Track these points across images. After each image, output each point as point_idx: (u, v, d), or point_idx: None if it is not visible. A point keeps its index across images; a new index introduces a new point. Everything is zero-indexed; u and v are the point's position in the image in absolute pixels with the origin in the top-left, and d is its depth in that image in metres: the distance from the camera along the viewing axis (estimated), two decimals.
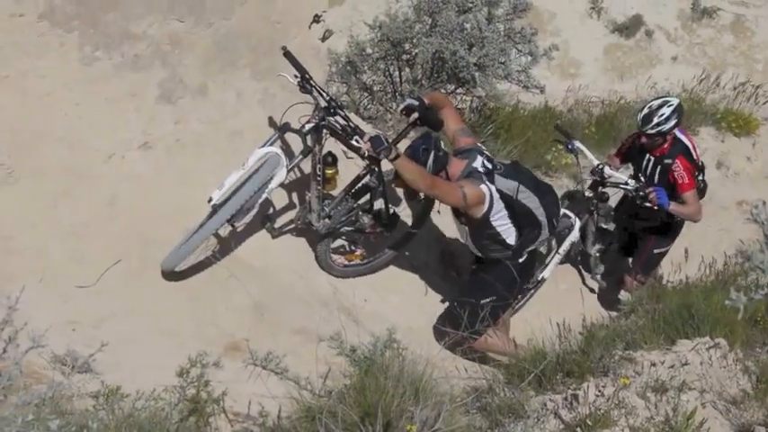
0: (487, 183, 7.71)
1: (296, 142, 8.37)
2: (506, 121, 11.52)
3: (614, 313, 9.56)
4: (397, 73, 10.72)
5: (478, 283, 8.36)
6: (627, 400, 6.02)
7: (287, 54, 8.21)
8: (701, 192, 9.79)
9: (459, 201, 7.68)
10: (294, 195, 9.00)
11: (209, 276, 8.15)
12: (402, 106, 8.30)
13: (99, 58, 8.40)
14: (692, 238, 10.56)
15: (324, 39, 9.22)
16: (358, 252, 9.02)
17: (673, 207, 9.10)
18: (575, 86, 13.89)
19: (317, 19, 8.54)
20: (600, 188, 9.71)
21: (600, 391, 6.12)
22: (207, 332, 7.55)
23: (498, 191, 7.76)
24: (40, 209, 7.85)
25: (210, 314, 7.81)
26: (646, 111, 9.17)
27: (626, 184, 9.38)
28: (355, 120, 8.68)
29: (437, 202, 8.33)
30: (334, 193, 8.71)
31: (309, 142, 8.21)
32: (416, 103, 8.14)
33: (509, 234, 8.06)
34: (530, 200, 7.93)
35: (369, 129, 9.08)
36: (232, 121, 8.75)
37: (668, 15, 15.96)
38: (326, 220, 8.55)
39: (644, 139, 9.24)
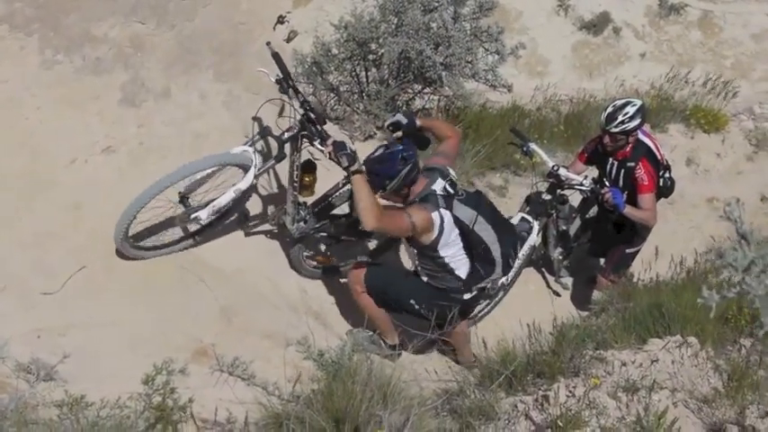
0: (441, 209, 7.49)
1: (274, 145, 8.28)
2: (474, 121, 11.50)
3: (585, 313, 9.52)
4: (363, 73, 10.69)
5: (418, 286, 8.12)
6: (598, 400, 6.00)
7: (275, 55, 8.16)
8: (668, 189, 9.79)
9: (407, 231, 7.46)
10: (272, 195, 8.98)
11: (176, 281, 8.07)
12: (389, 121, 8.15)
13: (60, 62, 8.31)
14: (662, 235, 10.55)
15: (289, 40, 9.17)
16: (331, 257, 8.98)
17: (627, 210, 9.08)
18: (543, 85, 13.88)
19: (281, 20, 8.48)
20: (558, 191, 9.69)
21: (571, 391, 6.10)
22: (173, 338, 7.44)
23: (454, 217, 7.55)
24: (2, 215, 7.75)
25: (177, 320, 7.71)
26: (610, 109, 9.16)
27: (581, 185, 9.36)
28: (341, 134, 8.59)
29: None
30: (312, 198, 8.64)
31: (287, 150, 8.16)
32: (405, 121, 8.02)
33: (460, 266, 7.84)
34: (487, 233, 7.70)
35: (347, 140, 8.97)
36: (196, 124, 8.67)
37: (636, 12, 15.99)
38: (301, 224, 8.49)
39: (607, 139, 9.22)
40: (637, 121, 9.08)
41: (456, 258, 7.76)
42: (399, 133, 8.03)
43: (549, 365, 6.51)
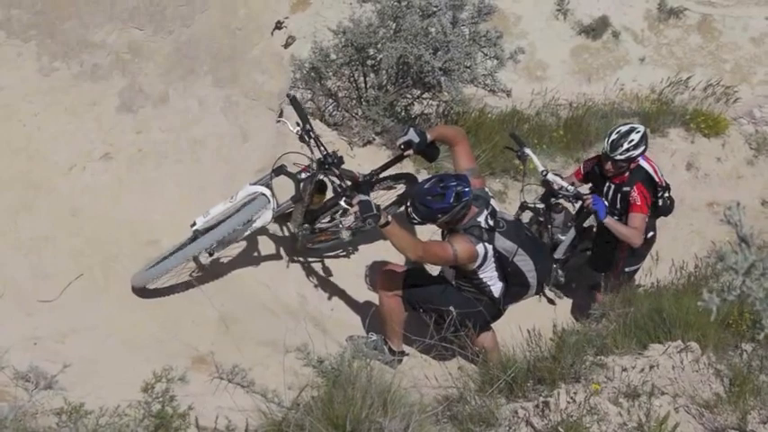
0: (485, 242, 7.64)
1: (288, 183, 8.32)
2: (473, 126, 11.48)
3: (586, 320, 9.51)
4: (361, 78, 10.66)
5: (457, 295, 8.16)
6: (599, 406, 5.96)
7: (293, 100, 8.21)
8: (667, 209, 9.84)
9: (450, 261, 7.67)
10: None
11: (175, 288, 8.04)
12: (401, 140, 8.19)
13: (57, 68, 8.27)
14: (662, 240, 10.53)
15: (287, 45, 9.13)
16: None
17: (608, 220, 9.10)
18: (542, 89, 13.85)
19: (279, 25, 8.44)
20: (552, 199, 9.68)
21: (571, 397, 6.07)
22: (172, 346, 7.44)
23: (495, 250, 7.71)
24: (0, 222, 7.71)
25: (176, 327, 7.70)
26: (614, 136, 9.14)
27: (567, 190, 9.35)
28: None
29: None
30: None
31: (301, 189, 8.23)
32: (417, 140, 8.08)
33: (495, 287, 8.00)
34: (525, 263, 7.86)
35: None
36: (194, 130, 8.64)
37: (635, 16, 15.97)
38: (305, 226, 8.54)
39: (609, 165, 9.21)
40: (641, 149, 9.13)
41: (492, 280, 7.94)
42: (410, 152, 8.06)
43: (550, 371, 6.48)
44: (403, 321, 8.20)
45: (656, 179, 9.42)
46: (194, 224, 7.80)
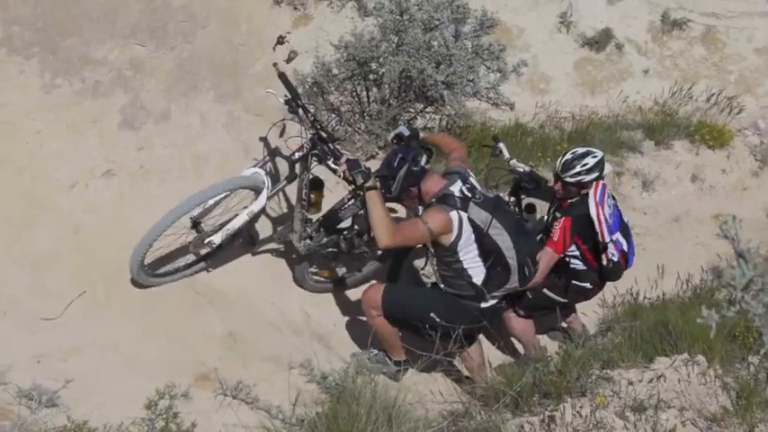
0: (459, 210, 7.43)
1: (284, 166, 8.32)
2: (477, 140, 11.43)
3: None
4: (364, 93, 10.63)
5: (437, 297, 8.01)
6: (605, 420, 5.95)
7: (281, 75, 8.23)
8: (611, 272, 8.90)
9: (424, 237, 7.45)
10: (279, 215, 8.97)
11: (178, 304, 8.02)
12: (392, 134, 8.20)
13: (59, 85, 8.29)
14: (667, 253, 10.51)
15: (289, 60, 9.13)
16: (335, 270, 8.93)
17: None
18: (545, 102, 13.82)
19: (281, 40, 8.44)
20: (522, 195, 9.41)
21: (577, 411, 6.05)
22: (176, 362, 7.40)
23: (470, 220, 7.45)
24: (3, 240, 7.73)
25: (179, 344, 7.67)
26: (568, 156, 8.66)
27: (520, 169, 9.29)
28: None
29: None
30: (318, 215, 8.65)
31: (297, 170, 8.20)
32: (407, 132, 8.06)
33: (476, 273, 7.68)
34: (501, 238, 7.56)
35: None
36: (197, 146, 8.64)
37: (638, 28, 15.91)
38: (308, 241, 8.45)
39: (558, 186, 8.73)
40: (594, 175, 8.61)
41: (472, 264, 7.64)
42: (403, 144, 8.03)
43: (556, 385, 6.46)
44: (396, 333, 8.05)
45: (597, 228, 8.69)
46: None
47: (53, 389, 6.16)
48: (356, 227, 8.53)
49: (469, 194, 7.52)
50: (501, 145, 9.56)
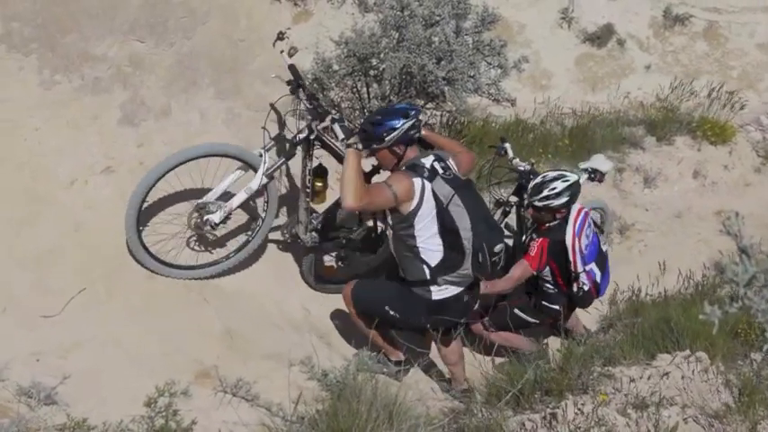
0: (425, 179, 7.28)
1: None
2: (478, 135, 11.42)
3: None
4: (364, 89, 10.60)
5: (391, 288, 7.93)
6: (607, 417, 5.94)
7: (291, 67, 8.38)
8: (581, 300, 8.98)
9: (389, 201, 7.25)
10: (284, 207, 8.98)
11: (177, 302, 8.01)
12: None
13: (59, 82, 8.27)
14: (669, 250, 10.49)
15: (289, 56, 9.08)
16: (338, 269, 8.90)
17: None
18: (546, 98, 13.80)
19: (281, 36, 8.38)
20: (525, 195, 9.18)
21: (579, 408, 6.04)
22: (176, 359, 7.38)
23: (433, 192, 7.28)
24: (3, 237, 7.70)
25: (179, 341, 7.64)
26: (538, 180, 8.72)
27: (521, 167, 9.40)
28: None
29: None
30: (325, 206, 8.68)
31: (298, 151, 8.24)
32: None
33: (431, 256, 7.48)
34: (461, 218, 7.33)
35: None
36: (196, 142, 8.58)
37: (640, 24, 15.89)
38: (314, 233, 8.43)
39: (530, 211, 8.82)
40: (563, 200, 8.60)
41: (429, 244, 7.44)
42: None
43: (557, 383, 6.45)
44: (383, 333, 8.01)
45: (571, 257, 8.71)
46: None
47: (52, 386, 6.15)
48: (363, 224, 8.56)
49: (440, 171, 7.41)
50: (507, 145, 9.57)
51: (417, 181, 7.25)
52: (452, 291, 7.61)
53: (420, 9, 10.13)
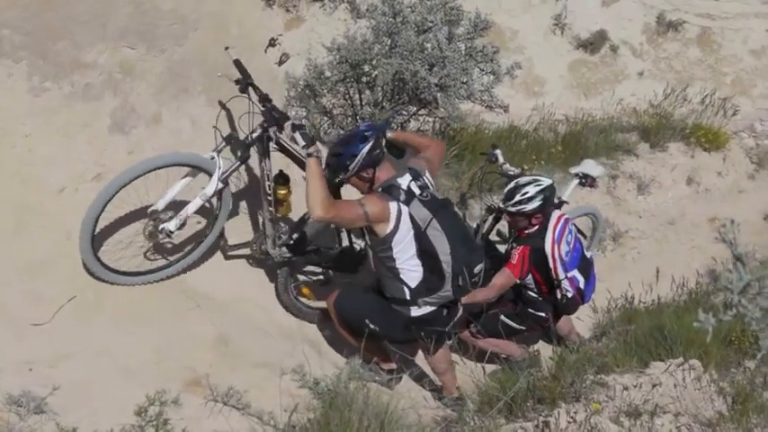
0: (401, 203, 7.22)
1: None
2: (470, 142, 11.43)
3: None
4: (357, 95, 10.60)
5: (371, 301, 7.89)
6: (600, 425, 5.92)
7: (236, 62, 8.26)
8: (565, 306, 8.98)
9: (359, 219, 7.17)
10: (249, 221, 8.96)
11: (169, 310, 7.98)
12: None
13: (48, 89, 8.23)
14: (663, 257, 10.50)
15: (280, 63, 9.09)
16: (314, 291, 8.79)
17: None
18: (539, 104, 13.81)
19: (272, 42, 8.39)
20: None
21: (572, 417, 6.03)
22: (166, 368, 7.36)
23: (410, 216, 7.23)
24: None
25: (170, 349, 7.62)
26: (511, 185, 8.77)
27: (511, 171, 9.36)
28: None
29: None
30: (291, 216, 8.61)
31: (257, 152, 8.15)
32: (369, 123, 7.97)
33: (410, 277, 7.44)
34: (439, 241, 7.28)
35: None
36: (187, 150, 8.56)
37: (633, 30, 15.91)
38: (284, 248, 8.34)
39: (507, 217, 8.91)
40: (535, 204, 8.62)
41: (408, 266, 7.39)
42: None
43: (550, 391, 6.44)
44: (370, 344, 7.96)
45: (551, 264, 8.75)
46: None
47: (42, 395, 6.12)
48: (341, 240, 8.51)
49: (417, 191, 7.34)
50: (497, 152, 9.58)
51: (393, 205, 7.20)
52: (432, 308, 7.60)
53: (412, 15, 10.14)
